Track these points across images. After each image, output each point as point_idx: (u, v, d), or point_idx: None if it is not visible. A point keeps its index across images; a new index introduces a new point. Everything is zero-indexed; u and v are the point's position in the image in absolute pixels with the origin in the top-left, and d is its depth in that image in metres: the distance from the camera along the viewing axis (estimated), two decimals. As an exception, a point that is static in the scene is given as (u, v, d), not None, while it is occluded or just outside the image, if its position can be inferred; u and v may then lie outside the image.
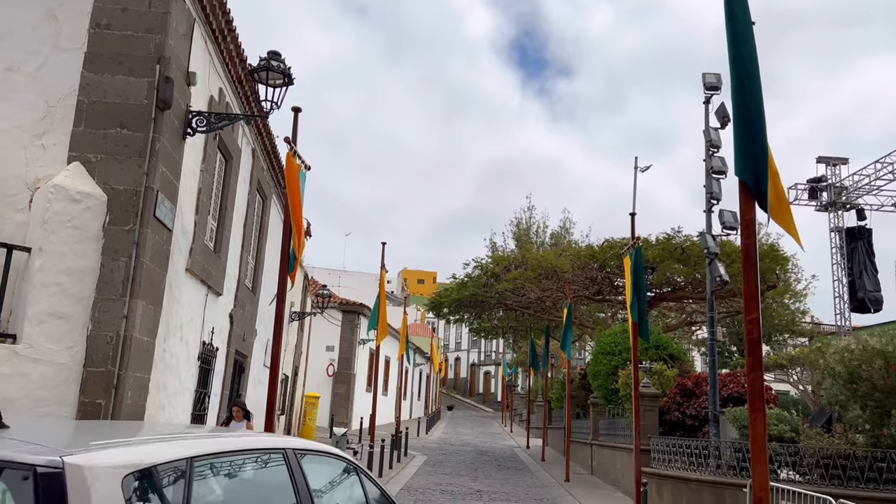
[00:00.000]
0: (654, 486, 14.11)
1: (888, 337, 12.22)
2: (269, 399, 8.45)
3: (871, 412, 11.61)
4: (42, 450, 2.53)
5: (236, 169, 10.89)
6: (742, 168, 4.22)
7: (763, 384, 4.05)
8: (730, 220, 15.03)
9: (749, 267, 4.22)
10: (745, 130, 4.19)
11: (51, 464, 2.40)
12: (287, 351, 20.31)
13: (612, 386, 18.84)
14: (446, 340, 77.39)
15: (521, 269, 25.07)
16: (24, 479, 2.36)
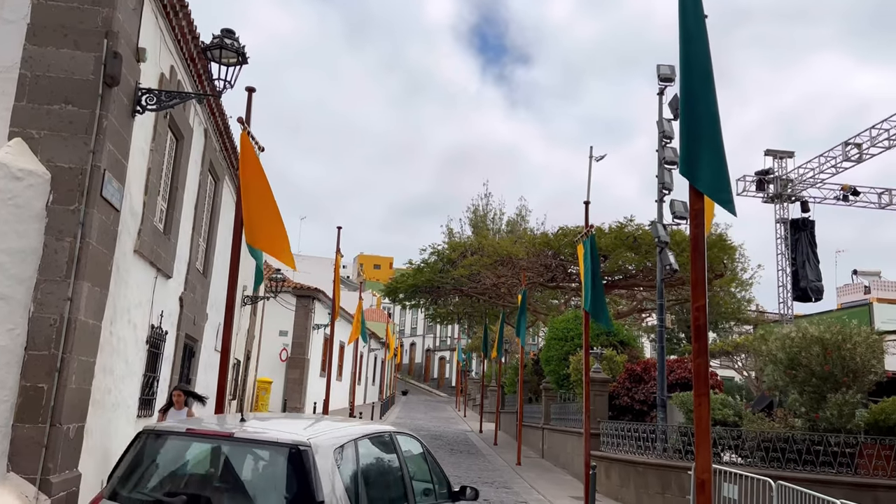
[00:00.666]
0: (603, 469, 14.43)
1: (826, 325, 12.71)
2: (219, 384, 8.33)
3: (808, 397, 12.08)
4: (292, 436, 4.30)
5: (188, 149, 10.64)
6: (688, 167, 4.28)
7: (708, 370, 4.17)
8: (680, 209, 15.35)
9: (697, 256, 4.33)
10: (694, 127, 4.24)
11: (302, 444, 4.19)
12: (239, 335, 20.04)
13: (563, 371, 19.16)
14: (402, 326, 77.44)
15: (477, 256, 25.20)
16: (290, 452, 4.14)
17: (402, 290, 28.05)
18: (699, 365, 4.15)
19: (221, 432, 4.65)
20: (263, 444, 4.48)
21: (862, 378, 11.73)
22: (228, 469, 4.54)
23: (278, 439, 4.33)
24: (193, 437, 4.62)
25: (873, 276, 54.21)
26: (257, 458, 4.57)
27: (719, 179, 4.09)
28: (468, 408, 45.98)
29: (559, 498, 13.80)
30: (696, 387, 4.17)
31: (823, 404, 11.77)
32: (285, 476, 4.17)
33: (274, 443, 4.34)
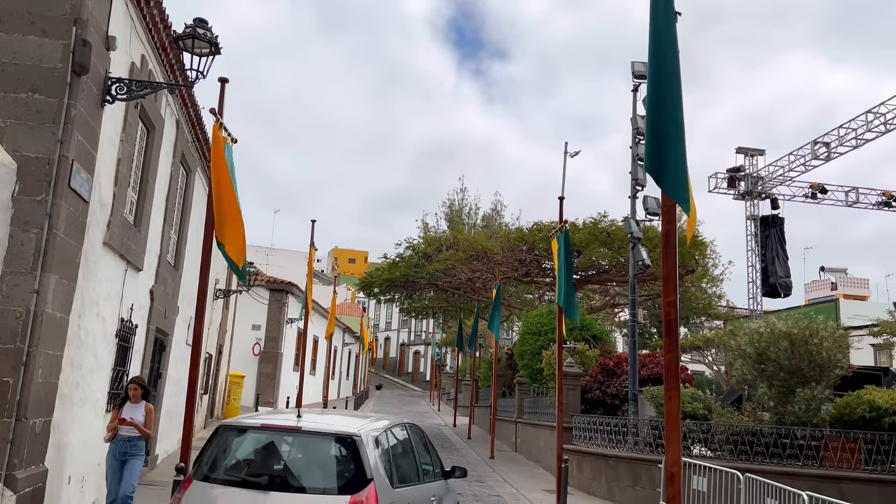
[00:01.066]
0: (575, 462, 14.57)
1: (794, 320, 12.94)
2: (190, 378, 8.24)
3: (776, 391, 12.30)
4: (346, 429, 5.69)
5: (159, 140, 10.47)
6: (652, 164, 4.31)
7: (679, 364, 4.22)
8: (653, 206, 15.53)
9: (669, 252, 4.38)
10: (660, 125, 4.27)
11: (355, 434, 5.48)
12: (211, 329, 19.83)
13: (537, 365, 19.29)
14: (376, 320, 77.25)
15: (452, 251, 25.21)
16: (347, 441, 5.45)
17: (377, 285, 27.96)
18: (670, 360, 4.20)
19: (290, 426, 5.80)
20: (325, 435, 5.84)
21: (828, 373, 11.98)
22: (297, 454, 5.89)
23: (337, 431, 5.81)
24: (266, 431, 5.96)
25: (840, 272, 55.41)
26: (319, 445, 5.82)
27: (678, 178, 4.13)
28: (442, 402, 46.08)
29: (532, 491, 13.91)
30: (666, 381, 4.22)
31: (791, 398, 11.99)
32: (343, 459, 5.54)
33: (334, 434, 5.80)
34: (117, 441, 7.91)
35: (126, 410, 8.03)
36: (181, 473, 7.54)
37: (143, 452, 8.07)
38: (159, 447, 13.50)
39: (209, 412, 21.31)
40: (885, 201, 21.91)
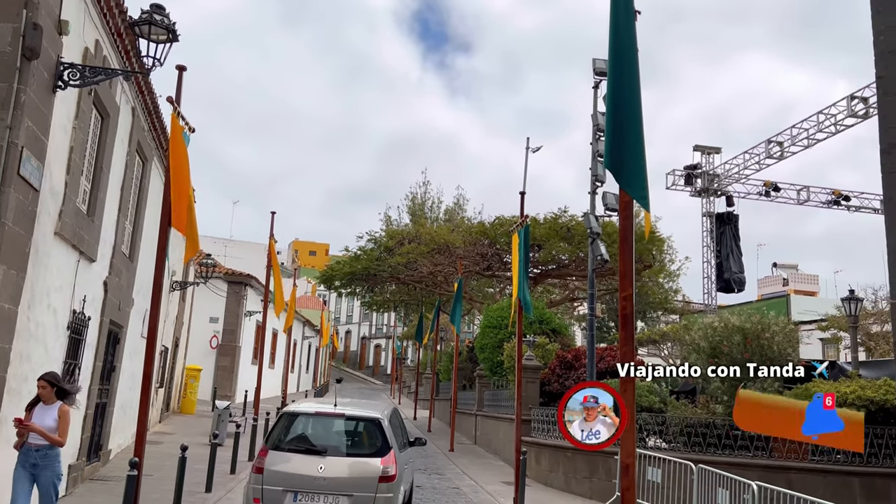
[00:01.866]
0: (533, 454, 14.73)
1: (746, 315, 13.30)
2: (145, 371, 8.08)
3: (729, 384, 12.62)
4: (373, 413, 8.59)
5: (113, 128, 10.21)
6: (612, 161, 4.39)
7: (634, 358, 4.31)
8: (612, 202, 15.71)
9: (625, 247, 4.46)
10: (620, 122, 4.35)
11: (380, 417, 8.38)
12: (167, 322, 19.47)
13: (497, 358, 19.43)
14: (337, 313, 76.74)
15: (414, 244, 25.19)
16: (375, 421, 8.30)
17: (338, 278, 27.80)
18: (625, 353, 4.28)
19: (336, 413, 8.51)
20: (360, 419, 8.66)
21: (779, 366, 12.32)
22: (341, 431, 8.64)
23: (368, 416, 8.59)
24: (319, 416, 8.70)
25: (791, 268, 57.02)
26: (356, 425, 8.71)
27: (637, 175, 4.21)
28: (403, 395, 46.06)
29: (490, 483, 14.02)
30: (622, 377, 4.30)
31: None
32: (372, 434, 8.37)
33: (365, 417, 8.60)
34: (26, 450, 6.55)
35: (37, 413, 6.63)
36: (135, 468, 7.42)
37: (56, 464, 6.68)
38: (112, 441, 13.22)
39: (165, 406, 20.95)
40: (835, 200, 22.63)
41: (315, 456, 8.01)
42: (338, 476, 7.81)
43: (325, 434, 8.61)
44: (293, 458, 8.01)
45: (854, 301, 14.79)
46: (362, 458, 8.07)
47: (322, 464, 7.84)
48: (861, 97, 18.02)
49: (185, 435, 17.91)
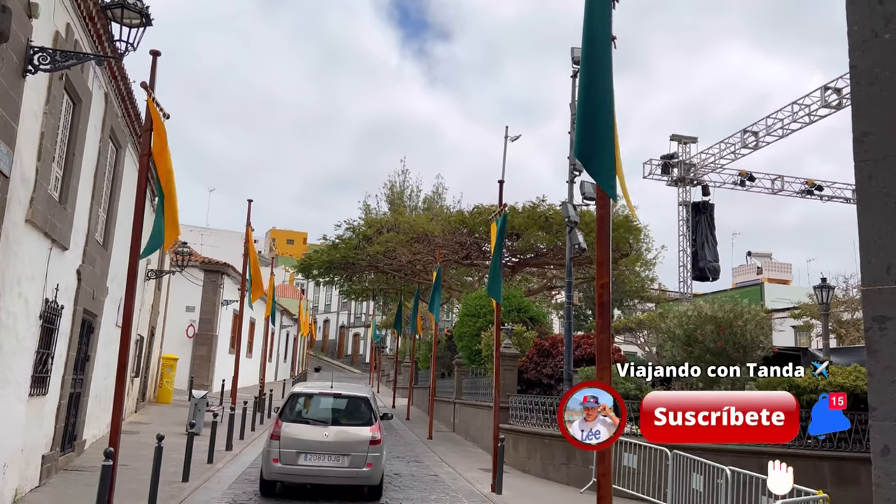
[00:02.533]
0: (511, 441, 14.85)
1: (719, 303, 13.49)
2: (120, 360, 7.99)
3: (703, 372, 12.80)
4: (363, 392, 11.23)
5: (86, 113, 10.02)
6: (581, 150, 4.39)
7: (611, 345, 4.35)
8: (589, 190, 15.79)
9: (602, 236, 4.48)
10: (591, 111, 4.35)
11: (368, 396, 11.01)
12: (142, 310, 19.26)
13: (475, 347, 19.50)
14: (315, 302, 76.40)
15: (393, 233, 25.13)
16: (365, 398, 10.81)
17: (316, 267, 27.65)
18: (602, 340, 4.32)
19: (334, 393, 10.86)
20: (352, 397, 10.88)
21: (751, 353, 12.54)
22: (339, 406, 10.76)
23: (358, 395, 10.95)
24: (321, 395, 10.86)
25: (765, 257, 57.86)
26: (349, 401, 10.83)
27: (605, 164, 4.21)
28: (382, 384, 46.08)
29: (469, 470, 14.11)
30: (598, 361, 4.34)
31: (717, 379, 12.51)
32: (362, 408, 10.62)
33: (356, 395, 10.89)
34: None
35: None
36: (110, 458, 7.35)
37: None
38: (87, 432, 13.09)
39: (140, 395, 20.75)
40: (808, 189, 22.96)
41: (320, 425, 10.35)
42: (338, 440, 10.14)
43: (326, 408, 11.03)
44: (302, 427, 10.31)
45: (826, 289, 15.06)
46: (355, 427, 10.44)
47: (326, 431, 10.24)
48: (834, 88, 18.28)
49: (162, 424, 17.77)
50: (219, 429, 15.02)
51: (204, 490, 10.54)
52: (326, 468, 10.05)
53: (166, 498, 9.55)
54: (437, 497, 11.17)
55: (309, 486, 10.39)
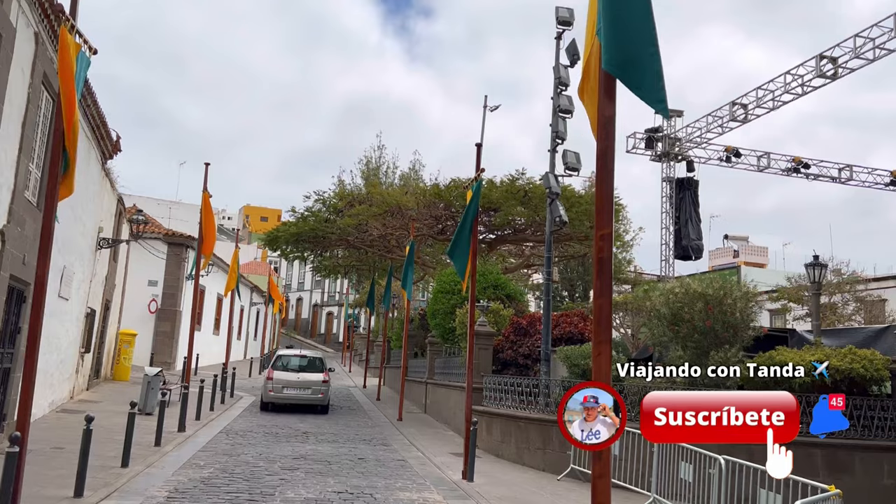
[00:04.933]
0: (485, 424, 14.02)
1: (708, 281, 12.69)
2: (30, 332, 6.91)
3: (690, 352, 12.02)
4: (317, 354, 21.46)
5: (8, 52, 8.81)
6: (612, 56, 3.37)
7: (611, 313, 3.42)
8: (572, 160, 14.91)
9: (605, 174, 3.54)
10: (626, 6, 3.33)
11: (320, 356, 20.63)
12: (94, 282, 18.03)
13: (449, 325, 18.61)
14: (288, 280, 75.17)
15: (365, 206, 24.02)
16: (318, 358, 20.02)
17: (283, 240, 26.45)
18: (601, 306, 3.39)
19: (302, 354, 19.83)
20: (311, 357, 19.63)
21: (741, 333, 11.78)
22: (304, 363, 18.97)
23: (315, 355, 20.11)
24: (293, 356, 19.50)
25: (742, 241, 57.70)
26: (310, 360, 19.25)
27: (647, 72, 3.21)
28: (354, 363, 45.20)
29: (439, 455, 13.25)
30: (596, 333, 3.42)
31: (705, 360, 11.74)
32: (318, 363, 19.16)
33: (314, 356, 19.94)
34: None
35: None
36: (15, 444, 6.33)
37: None
38: (23, 411, 11.96)
39: (94, 372, 19.57)
40: (795, 167, 22.28)
41: (294, 372, 18.58)
42: (304, 380, 18.37)
43: (297, 362, 19.01)
44: (284, 373, 18.51)
45: (818, 267, 14.35)
46: (314, 373, 18.68)
47: (297, 376, 18.47)
48: (830, 56, 17.40)
49: (113, 403, 16.66)
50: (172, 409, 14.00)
51: (144, 476, 9.52)
52: (298, 395, 18.43)
53: (99, 486, 8.54)
54: (402, 485, 10.27)
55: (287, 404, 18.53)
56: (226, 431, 14.43)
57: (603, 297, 3.42)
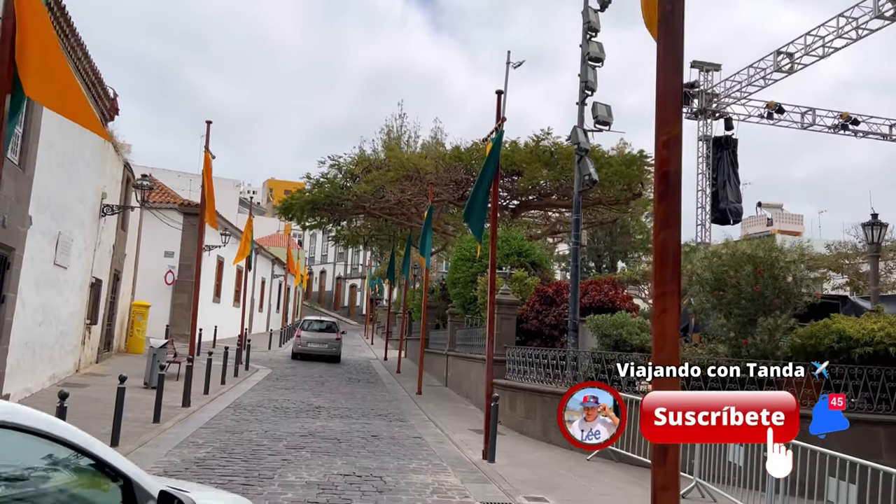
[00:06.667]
0: (507, 398, 13.06)
1: (757, 243, 11.51)
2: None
3: (735, 321, 10.88)
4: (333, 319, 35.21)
5: None
6: None
7: (680, 250, 2.35)
8: (603, 113, 13.67)
9: (671, 43, 2.42)
10: None
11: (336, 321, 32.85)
12: (101, 251, 17.29)
13: (470, 294, 17.59)
14: (312, 253, 74.83)
15: (382, 171, 22.92)
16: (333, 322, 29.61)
17: (297, 207, 25.49)
18: (665, 241, 2.32)
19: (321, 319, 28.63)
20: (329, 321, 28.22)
21: (795, 300, 10.58)
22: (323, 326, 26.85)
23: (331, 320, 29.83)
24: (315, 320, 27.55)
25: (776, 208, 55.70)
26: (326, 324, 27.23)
27: None
28: (376, 335, 44.59)
29: (458, 431, 12.33)
30: (658, 280, 2.38)
31: (752, 329, 10.59)
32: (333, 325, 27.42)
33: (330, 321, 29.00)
34: None
35: None
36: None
37: None
38: (16, 385, 11.26)
39: (104, 345, 18.93)
40: (842, 124, 20.64)
41: (315, 332, 25.68)
42: (323, 338, 25.43)
43: (318, 324, 26.30)
44: (309, 333, 25.58)
45: (877, 227, 12.97)
46: (330, 332, 25.82)
47: (318, 334, 25.64)
48: (892, -7, 15.52)
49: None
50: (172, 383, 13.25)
51: (133, 457, 8.66)
52: (318, 348, 25.01)
53: (79, 468, 7.70)
54: (416, 466, 9.35)
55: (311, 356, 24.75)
56: (234, 406, 13.65)
57: (668, 229, 2.37)
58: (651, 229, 37.82)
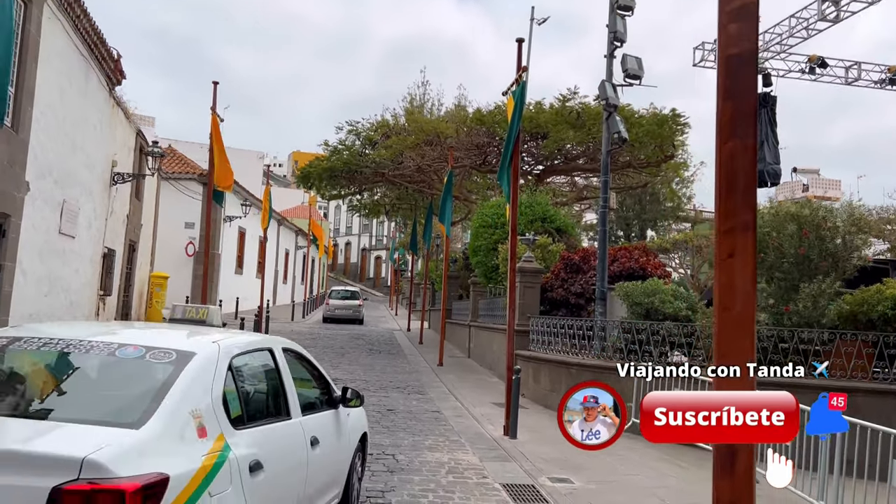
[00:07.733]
0: (531, 370, 12.41)
1: (802, 203, 10.60)
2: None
3: (777, 286, 10.04)
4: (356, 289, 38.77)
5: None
6: None
7: (755, 164, 1.62)
8: (633, 66, 12.76)
9: None
10: None
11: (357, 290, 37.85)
12: (113, 221, 16.89)
13: (492, 262, 16.88)
14: (337, 224, 74.67)
15: (402, 136, 22.13)
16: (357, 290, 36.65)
17: (315, 175, 24.86)
18: (733, 153, 1.58)
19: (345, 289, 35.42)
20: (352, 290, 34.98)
21: (843, 263, 9.70)
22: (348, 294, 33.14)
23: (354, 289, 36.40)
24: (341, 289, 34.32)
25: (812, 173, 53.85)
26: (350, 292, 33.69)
27: None
28: (400, 306, 44.23)
29: (479, 405, 11.72)
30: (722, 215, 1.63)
31: (794, 295, 9.75)
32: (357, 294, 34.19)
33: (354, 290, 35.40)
34: None
35: None
36: None
37: None
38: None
39: (120, 316, 18.64)
40: (891, 78, 19.30)
41: (341, 299, 31.38)
42: (348, 304, 30.93)
43: (343, 293, 32.48)
44: (335, 300, 31.40)
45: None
46: (353, 300, 31.18)
47: (343, 301, 31.12)
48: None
49: (135, 348, 15.67)
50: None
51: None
52: (343, 313, 30.11)
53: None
54: (432, 442, 8.76)
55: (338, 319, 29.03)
56: (247, 378, 13.21)
57: (737, 138, 1.63)
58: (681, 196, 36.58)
